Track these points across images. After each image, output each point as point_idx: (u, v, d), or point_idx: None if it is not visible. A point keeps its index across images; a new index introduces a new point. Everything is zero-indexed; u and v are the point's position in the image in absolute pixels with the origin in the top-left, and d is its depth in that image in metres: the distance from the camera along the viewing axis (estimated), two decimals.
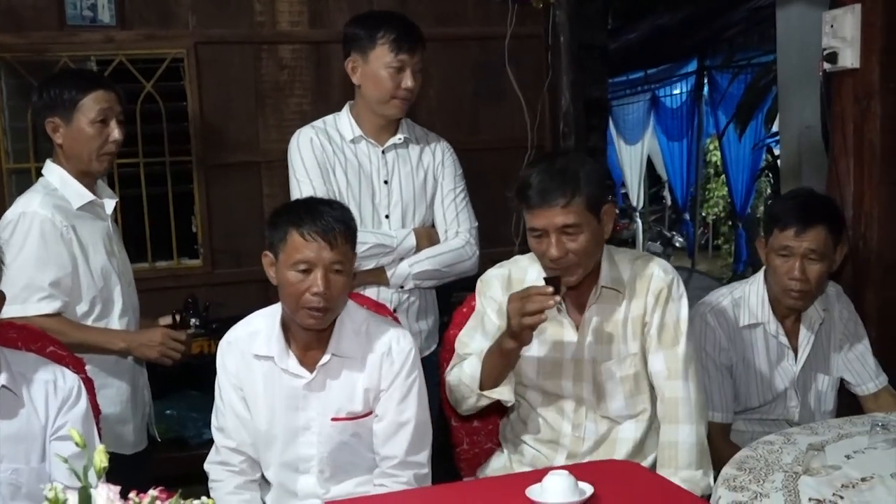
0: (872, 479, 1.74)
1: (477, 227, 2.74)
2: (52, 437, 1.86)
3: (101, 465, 1.19)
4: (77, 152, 2.37)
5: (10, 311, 2.22)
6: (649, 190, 11.40)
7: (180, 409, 3.75)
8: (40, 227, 2.27)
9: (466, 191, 2.75)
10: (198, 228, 3.93)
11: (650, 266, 2.18)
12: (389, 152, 2.64)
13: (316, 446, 2.08)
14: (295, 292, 1.96)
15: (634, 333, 2.17)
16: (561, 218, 2.02)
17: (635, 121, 10.47)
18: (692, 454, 2.08)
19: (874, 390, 2.54)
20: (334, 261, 1.96)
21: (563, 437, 2.21)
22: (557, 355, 2.19)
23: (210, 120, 3.87)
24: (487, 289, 2.26)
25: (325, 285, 1.95)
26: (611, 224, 2.13)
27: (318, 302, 1.95)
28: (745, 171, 8.22)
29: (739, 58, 7.77)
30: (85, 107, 2.34)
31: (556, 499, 1.69)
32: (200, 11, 3.83)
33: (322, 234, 1.95)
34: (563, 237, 2.03)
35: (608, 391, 2.18)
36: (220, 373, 2.11)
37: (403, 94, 2.53)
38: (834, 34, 2.77)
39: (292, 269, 1.96)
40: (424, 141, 2.72)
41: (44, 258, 2.27)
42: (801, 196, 2.49)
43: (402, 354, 2.09)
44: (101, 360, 2.37)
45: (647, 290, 2.15)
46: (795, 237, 2.34)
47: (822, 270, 2.36)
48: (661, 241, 10.63)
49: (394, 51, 2.50)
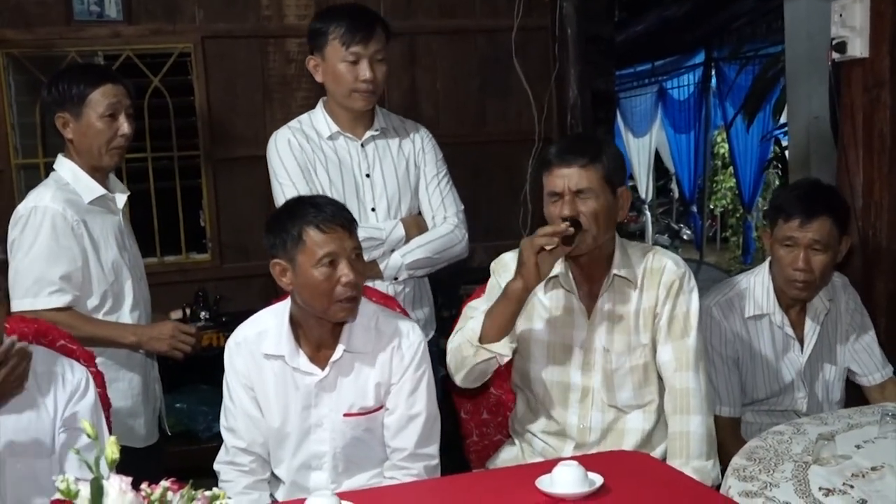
0: (882, 468, 1.74)
1: (463, 210, 2.71)
2: (61, 429, 1.87)
3: (112, 456, 1.19)
4: (87, 147, 2.37)
5: (22, 304, 2.24)
6: (657, 182, 11.37)
7: (190, 403, 3.76)
8: (52, 221, 2.28)
9: (449, 175, 2.72)
10: (206, 223, 3.94)
11: (662, 259, 2.19)
12: (368, 144, 2.62)
13: (329, 443, 2.08)
14: (326, 288, 1.95)
15: (645, 325, 2.17)
16: (576, 179, 2.05)
17: (643, 113, 10.44)
18: (703, 444, 2.08)
19: (880, 381, 2.54)
20: (354, 247, 1.98)
21: (569, 427, 2.22)
22: (567, 342, 2.20)
23: (217, 114, 3.88)
24: (503, 269, 2.24)
25: (356, 272, 1.95)
26: (627, 206, 2.16)
27: (351, 291, 1.95)
28: (753, 162, 8.19)
29: (747, 49, 7.73)
30: (93, 101, 2.35)
31: (565, 489, 1.70)
32: (207, 6, 3.84)
33: (339, 223, 1.95)
34: (578, 200, 2.05)
35: (617, 381, 2.18)
36: (230, 373, 2.10)
37: (363, 86, 2.49)
38: (843, 23, 2.76)
39: (318, 267, 1.94)
40: (402, 129, 2.70)
41: (55, 252, 2.28)
42: (805, 186, 2.49)
43: (412, 348, 2.09)
44: (112, 353, 2.38)
45: (658, 282, 2.16)
46: (800, 228, 2.34)
47: (827, 261, 2.36)
48: (669, 234, 10.60)
49: (345, 44, 2.47)
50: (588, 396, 2.20)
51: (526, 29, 4.11)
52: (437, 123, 2.78)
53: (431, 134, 2.74)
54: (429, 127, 2.77)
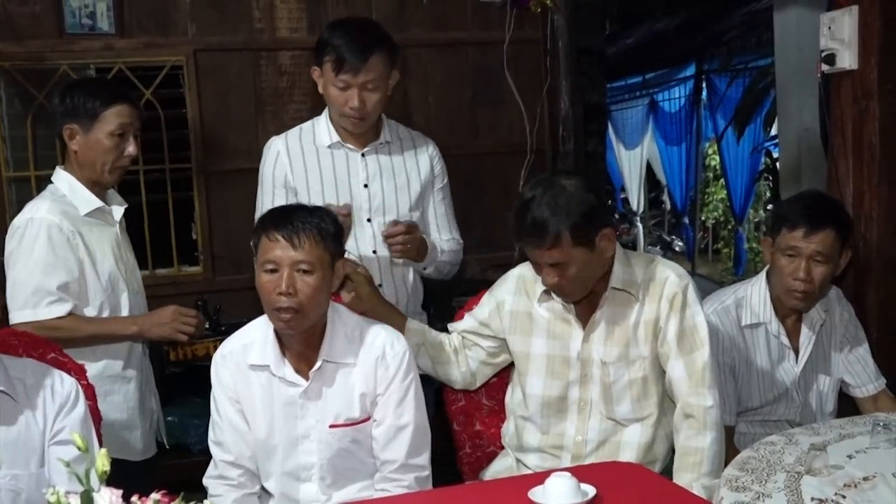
0: (874, 478, 1.74)
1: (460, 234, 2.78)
2: (51, 441, 1.86)
3: (102, 468, 1.19)
4: (91, 161, 2.39)
5: (23, 315, 2.25)
6: (649, 194, 11.40)
7: (182, 416, 3.73)
8: (48, 232, 2.29)
9: (449, 193, 2.76)
10: (198, 235, 3.93)
11: (664, 270, 2.18)
12: (370, 155, 2.60)
13: (316, 454, 2.08)
14: (265, 293, 1.98)
15: (647, 337, 2.16)
16: (547, 257, 2.06)
17: (634, 125, 10.48)
18: (716, 461, 2.07)
19: (873, 392, 2.55)
20: (299, 260, 1.96)
21: (566, 439, 2.22)
22: (565, 353, 2.21)
23: (210, 127, 3.88)
24: (499, 284, 2.34)
25: (289, 284, 1.94)
26: (612, 246, 2.12)
27: (285, 301, 1.95)
28: (744, 174, 8.22)
29: (737, 61, 7.77)
30: (106, 119, 2.36)
31: (558, 501, 1.69)
32: (199, 19, 3.84)
33: (286, 234, 1.96)
34: (554, 269, 2.07)
35: (615, 393, 2.18)
36: (216, 387, 2.10)
37: (350, 112, 2.47)
38: (832, 36, 2.77)
39: (262, 271, 1.98)
40: (409, 142, 2.69)
41: (52, 263, 2.28)
42: (811, 197, 2.50)
43: (396, 358, 2.08)
44: (106, 366, 2.39)
45: (660, 294, 2.15)
46: (804, 238, 2.35)
47: (827, 273, 2.37)
48: (661, 246, 10.64)
49: (335, 70, 2.43)
50: (586, 408, 2.20)
51: (518, 41, 4.12)
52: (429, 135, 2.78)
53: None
54: None
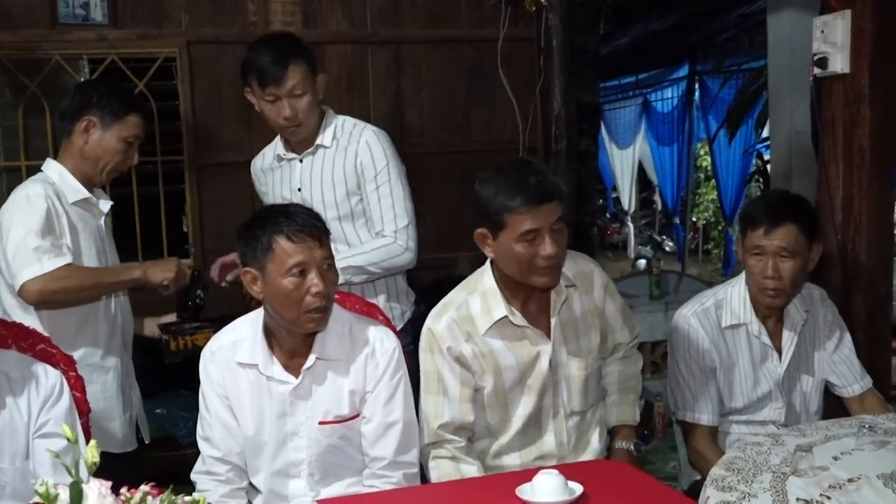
0: (859, 479, 1.75)
1: (409, 222, 2.61)
2: (35, 434, 1.85)
3: (91, 460, 1.19)
4: (96, 157, 2.43)
5: (30, 272, 2.27)
6: (640, 194, 11.43)
7: (170, 409, 3.74)
8: (44, 204, 2.32)
9: (401, 179, 2.63)
10: (189, 228, 3.93)
11: (584, 262, 2.29)
12: (306, 159, 2.65)
13: (305, 451, 2.08)
14: (296, 298, 1.93)
15: (594, 325, 2.25)
16: (553, 215, 2.05)
17: (627, 125, 10.50)
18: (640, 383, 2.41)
19: (859, 392, 2.55)
20: (325, 256, 1.97)
21: (545, 445, 2.24)
22: (541, 369, 2.19)
23: (202, 119, 3.87)
24: (439, 342, 2.15)
25: (327, 283, 1.95)
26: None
27: (321, 301, 1.94)
28: (736, 175, 8.25)
29: (730, 63, 7.79)
30: (127, 123, 2.44)
31: (545, 498, 1.70)
32: (193, 11, 3.84)
33: (308, 232, 1.94)
34: (557, 235, 2.06)
35: (580, 385, 2.23)
36: (205, 383, 2.10)
37: (284, 122, 2.56)
38: (824, 39, 2.78)
39: (287, 276, 1.93)
40: (346, 139, 2.63)
41: (48, 227, 2.31)
42: (771, 196, 2.58)
43: (385, 355, 2.08)
44: (86, 354, 2.40)
45: (592, 284, 2.26)
46: (765, 235, 2.37)
47: (796, 268, 2.38)
48: (652, 245, 10.66)
49: (261, 85, 2.53)
50: (559, 412, 2.23)
51: (512, 39, 4.12)
52: (422, 132, 2.78)
53: (414, 140, 2.74)
54: (414, 135, 2.77)
